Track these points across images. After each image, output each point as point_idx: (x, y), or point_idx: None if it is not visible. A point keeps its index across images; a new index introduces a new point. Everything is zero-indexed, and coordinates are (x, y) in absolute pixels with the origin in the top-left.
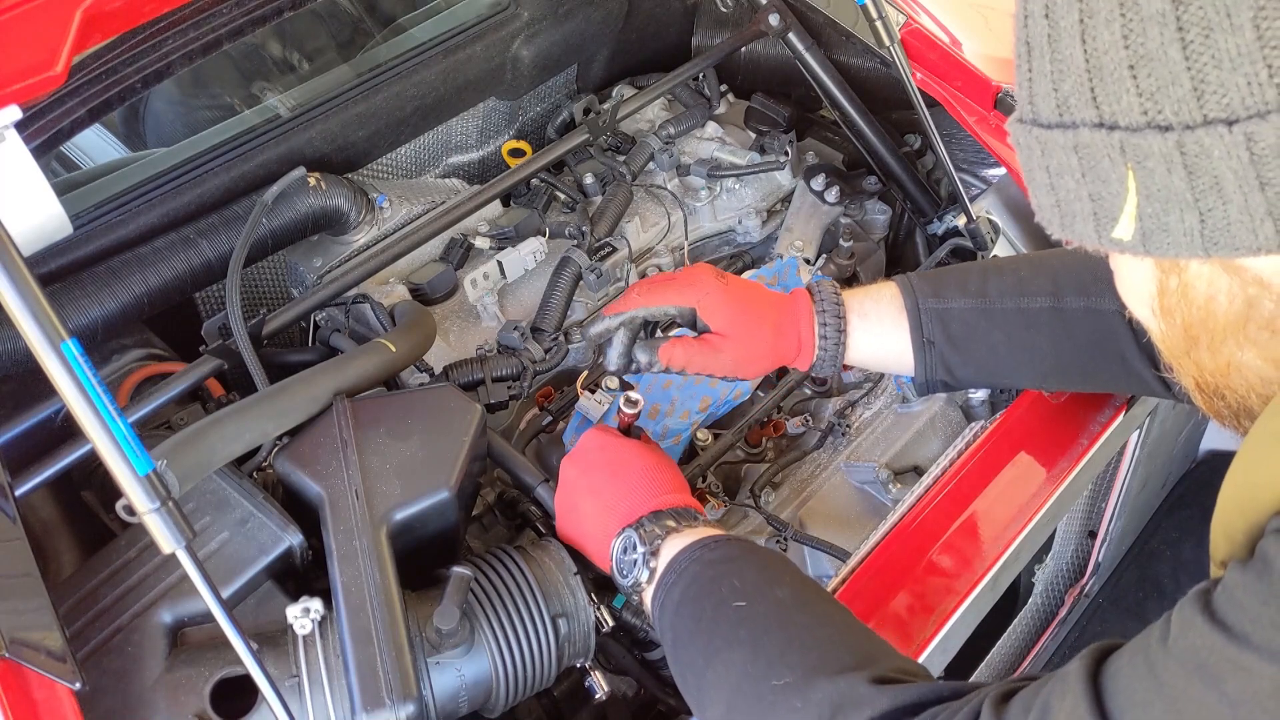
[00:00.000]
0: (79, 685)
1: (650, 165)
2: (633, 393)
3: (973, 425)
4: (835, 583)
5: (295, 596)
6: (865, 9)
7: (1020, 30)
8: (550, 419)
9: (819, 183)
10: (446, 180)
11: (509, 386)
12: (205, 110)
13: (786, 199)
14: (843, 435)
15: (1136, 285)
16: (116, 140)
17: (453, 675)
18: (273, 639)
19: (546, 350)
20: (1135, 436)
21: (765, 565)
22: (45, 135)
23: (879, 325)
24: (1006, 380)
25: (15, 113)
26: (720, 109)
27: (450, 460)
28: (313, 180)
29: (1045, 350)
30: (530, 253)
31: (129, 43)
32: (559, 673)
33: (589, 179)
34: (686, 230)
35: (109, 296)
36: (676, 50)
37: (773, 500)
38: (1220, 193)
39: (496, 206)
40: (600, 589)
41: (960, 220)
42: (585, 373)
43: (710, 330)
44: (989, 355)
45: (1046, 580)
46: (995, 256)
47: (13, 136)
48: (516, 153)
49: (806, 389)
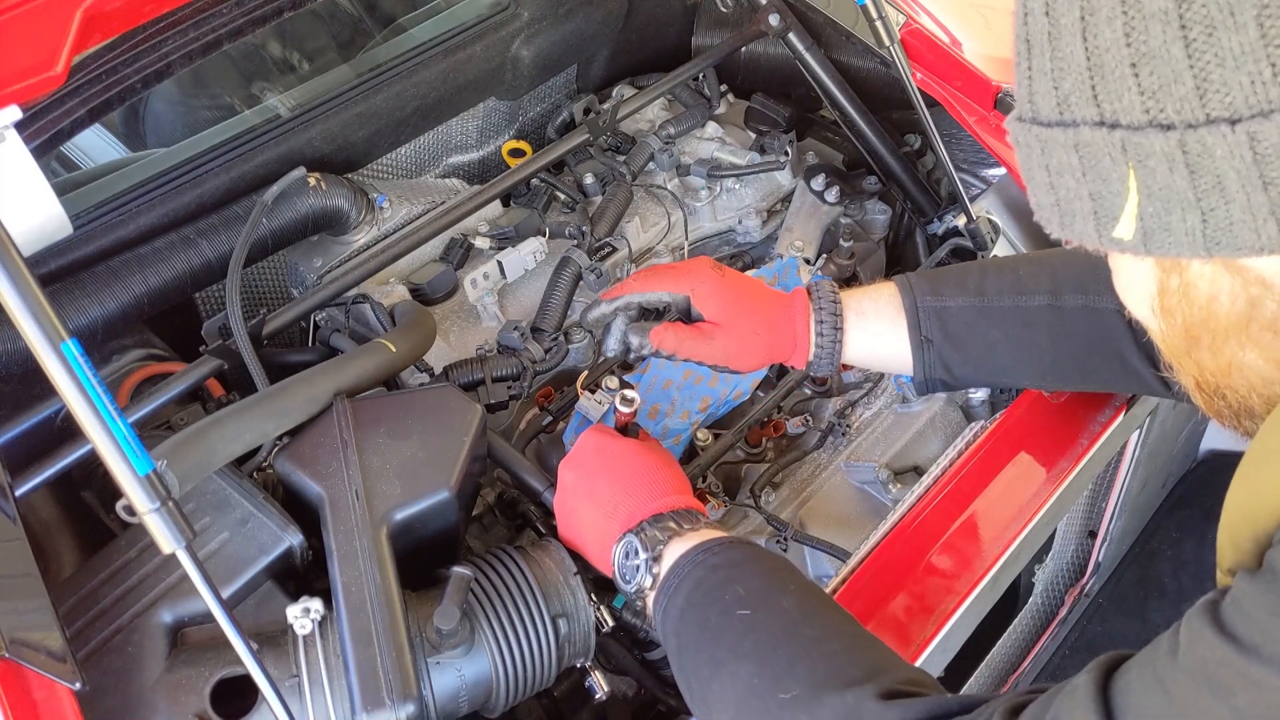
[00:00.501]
0: (79, 685)
1: (650, 165)
2: (629, 391)
3: (973, 425)
4: (835, 583)
5: (295, 596)
6: (865, 9)
7: (1020, 27)
8: (550, 419)
9: (819, 183)
10: (446, 180)
11: (509, 386)
12: (205, 110)
13: (786, 199)
14: (843, 435)
15: (1136, 285)
16: (116, 140)
17: (453, 675)
18: (273, 639)
19: (546, 350)
20: (1135, 436)
21: (769, 571)
22: (45, 135)
23: (877, 323)
24: (1005, 379)
25: (15, 113)
26: (720, 109)
27: (450, 460)
28: (313, 180)
29: (1043, 348)
30: (530, 253)
31: (129, 43)
32: (559, 673)
33: (589, 179)
34: (686, 230)
35: (109, 296)
36: (676, 50)
37: (773, 500)
38: (1223, 192)
39: (496, 206)
40: (600, 589)
41: (960, 220)
42: (585, 373)
43: (704, 319)
44: (987, 353)
45: (1046, 580)
46: (995, 256)
47: (13, 136)
48: (516, 153)
49: (806, 389)
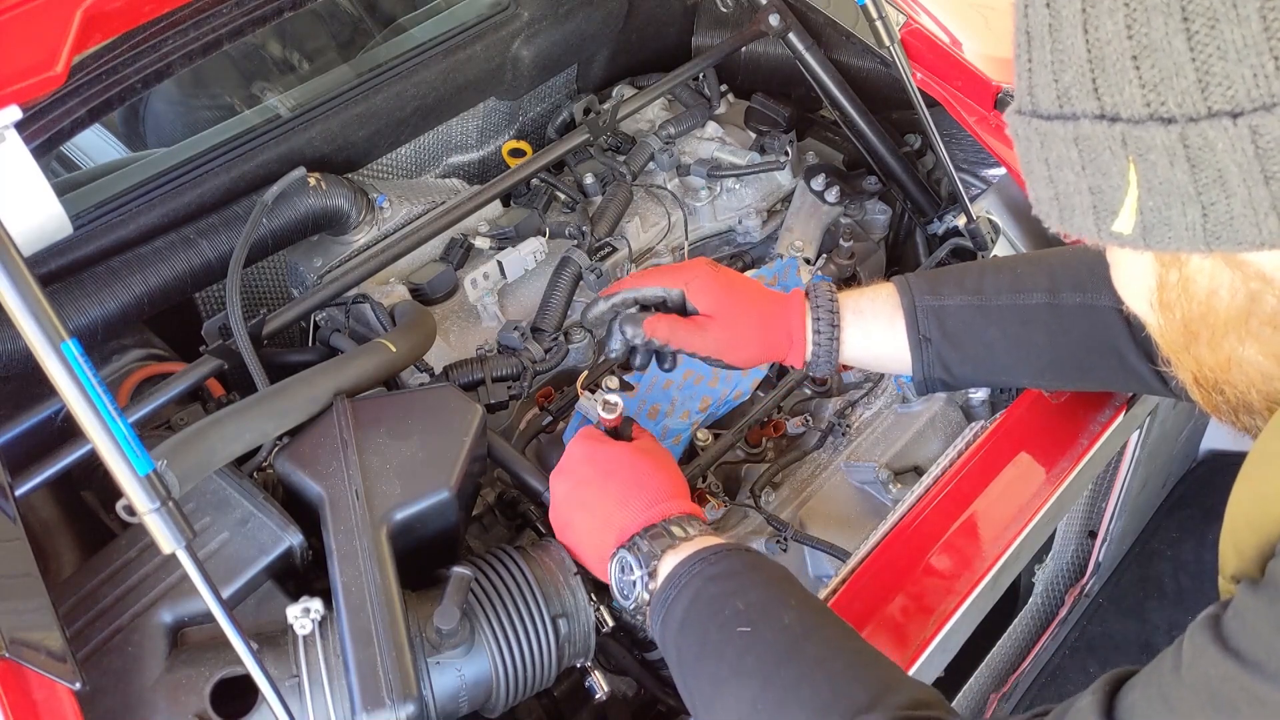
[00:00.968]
0: (79, 685)
1: (650, 165)
2: (611, 395)
3: (973, 425)
4: (835, 583)
5: (295, 596)
6: (865, 9)
7: (1020, 19)
8: (550, 419)
9: (819, 183)
10: (446, 180)
11: (509, 386)
12: (205, 110)
13: (786, 199)
14: (843, 435)
15: (1135, 279)
16: (116, 140)
17: (453, 675)
18: (273, 639)
19: (546, 350)
20: (1135, 436)
21: (768, 583)
22: (45, 135)
23: (874, 322)
24: (1004, 377)
25: (15, 113)
26: (720, 109)
27: (450, 460)
28: (313, 180)
29: (1041, 346)
30: (530, 253)
31: (129, 43)
32: (559, 673)
33: (589, 179)
34: (686, 230)
35: (109, 296)
36: (676, 50)
37: (773, 500)
38: (1224, 186)
39: (496, 206)
40: (600, 589)
41: (960, 220)
42: (585, 373)
43: (699, 313)
44: (985, 351)
45: (1046, 580)
46: (995, 256)
47: (13, 136)
48: (516, 153)
49: (806, 389)
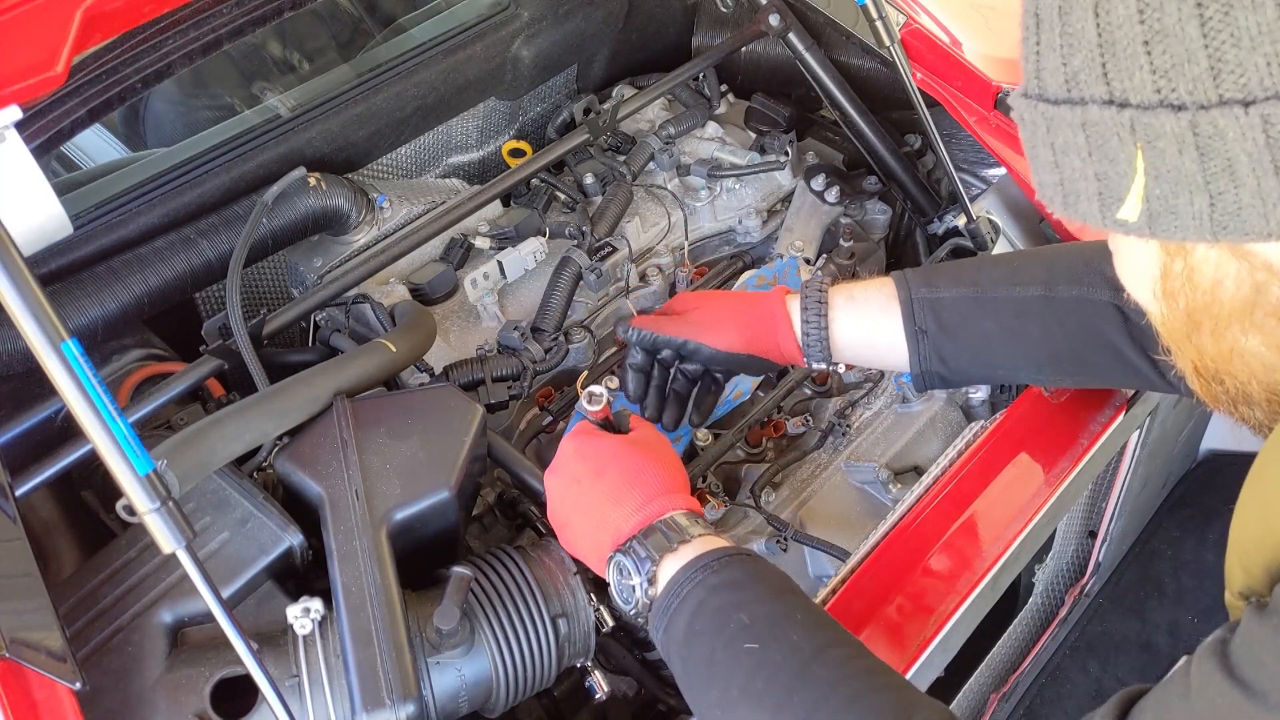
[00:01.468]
0: (79, 685)
1: (650, 165)
2: (595, 387)
3: (973, 425)
4: (835, 583)
5: (295, 596)
6: (865, 9)
7: (1029, 1)
8: (550, 419)
9: (819, 183)
10: (446, 180)
11: (509, 386)
12: (205, 110)
13: (786, 199)
14: (843, 435)
15: (1138, 267)
16: (116, 140)
17: (453, 675)
18: (273, 639)
19: (546, 350)
20: (1135, 436)
21: (773, 595)
22: (45, 135)
23: (867, 309)
24: (1001, 372)
25: (15, 113)
26: (720, 109)
27: (450, 460)
28: (313, 180)
29: (1037, 339)
30: (530, 253)
31: (129, 43)
32: (559, 673)
33: (589, 179)
34: (686, 230)
35: (109, 296)
36: (676, 50)
37: (773, 500)
38: (1233, 176)
39: (496, 206)
40: (601, 589)
41: (960, 220)
42: (585, 373)
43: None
44: (982, 344)
45: (1046, 580)
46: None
47: (13, 136)
48: (516, 153)
49: (806, 389)
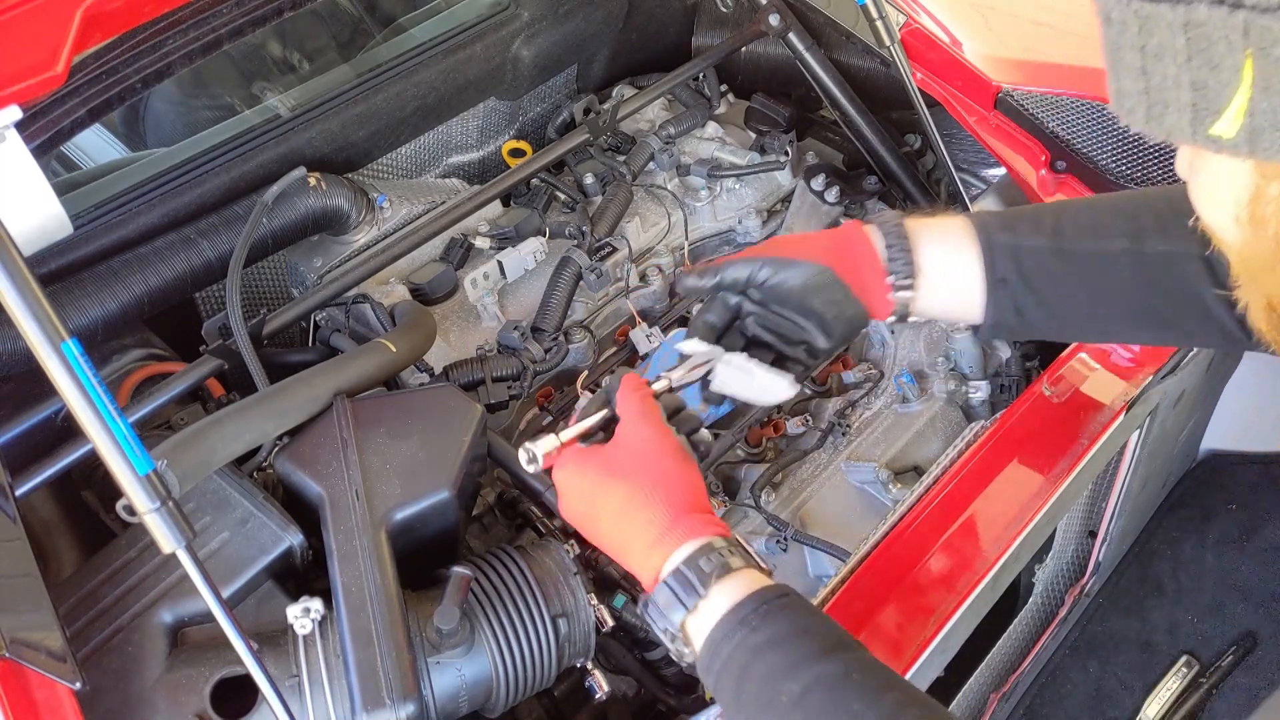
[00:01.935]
0: (79, 685)
1: (650, 165)
2: (531, 443)
3: (973, 425)
4: (835, 582)
5: (295, 596)
6: (865, 9)
7: None
8: (550, 419)
9: (819, 183)
10: (446, 180)
11: (509, 386)
12: (205, 110)
13: (786, 199)
14: (843, 435)
15: (1224, 189)
16: (116, 140)
17: (453, 675)
18: (273, 639)
19: (546, 350)
20: (1135, 436)
21: (823, 653)
22: (45, 135)
23: (943, 237)
24: (1076, 330)
25: (15, 113)
26: (720, 109)
27: (450, 460)
28: (313, 180)
29: (1121, 296)
30: (530, 253)
31: (129, 43)
32: (559, 673)
33: (589, 179)
34: (687, 230)
35: (109, 296)
36: (676, 50)
37: (773, 500)
38: None
39: (496, 206)
40: (600, 589)
41: None
42: (585, 373)
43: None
44: (1063, 299)
45: (1046, 580)
46: (1062, 199)
47: (13, 136)
48: (516, 153)
49: (807, 389)
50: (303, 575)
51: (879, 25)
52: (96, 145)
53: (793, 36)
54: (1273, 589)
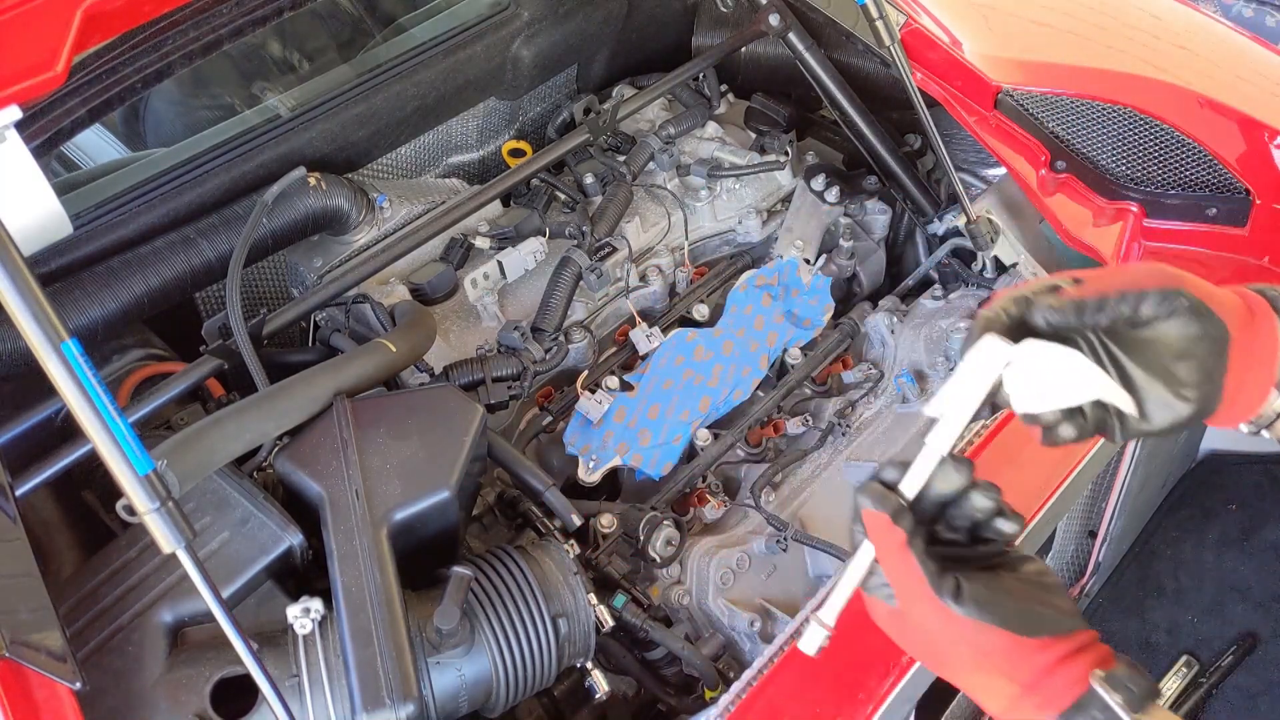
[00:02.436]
0: (79, 685)
1: (650, 165)
2: (816, 628)
3: (973, 425)
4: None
5: (295, 596)
6: (865, 9)
7: None
8: (550, 419)
9: (819, 183)
10: (446, 180)
11: (509, 386)
12: (205, 110)
13: (786, 199)
14: (843, 435)
15: None
16: (116, 140)
17: (453, 675)
18: (273, 639)
19: (546, 350)
20: None
21: None
22: (45, 135)
23: None
24: None
25: (15, 113)
26: (720, 109)
27: (450, 460)
28: (313, 180)
29: None
30: (530, 253)
31: (129, 43)
32: (559, 672)
33: (589, 179)
34: (687, 230)
35: (109, 296)
36: (676, 50)
37: (773, 500)
38: None
39: (496, 206)
40: (600, 589)
41: (960, 220)
42: (585, 373)
43: None
44: None
45: None
46: None
47: (13, 136)
48: (516, 153)
49: (806, 389)
50: (303, 575)
51: (879, 25)
52: (96, 145)
53: (793, 36)
54: (1273, 589)
